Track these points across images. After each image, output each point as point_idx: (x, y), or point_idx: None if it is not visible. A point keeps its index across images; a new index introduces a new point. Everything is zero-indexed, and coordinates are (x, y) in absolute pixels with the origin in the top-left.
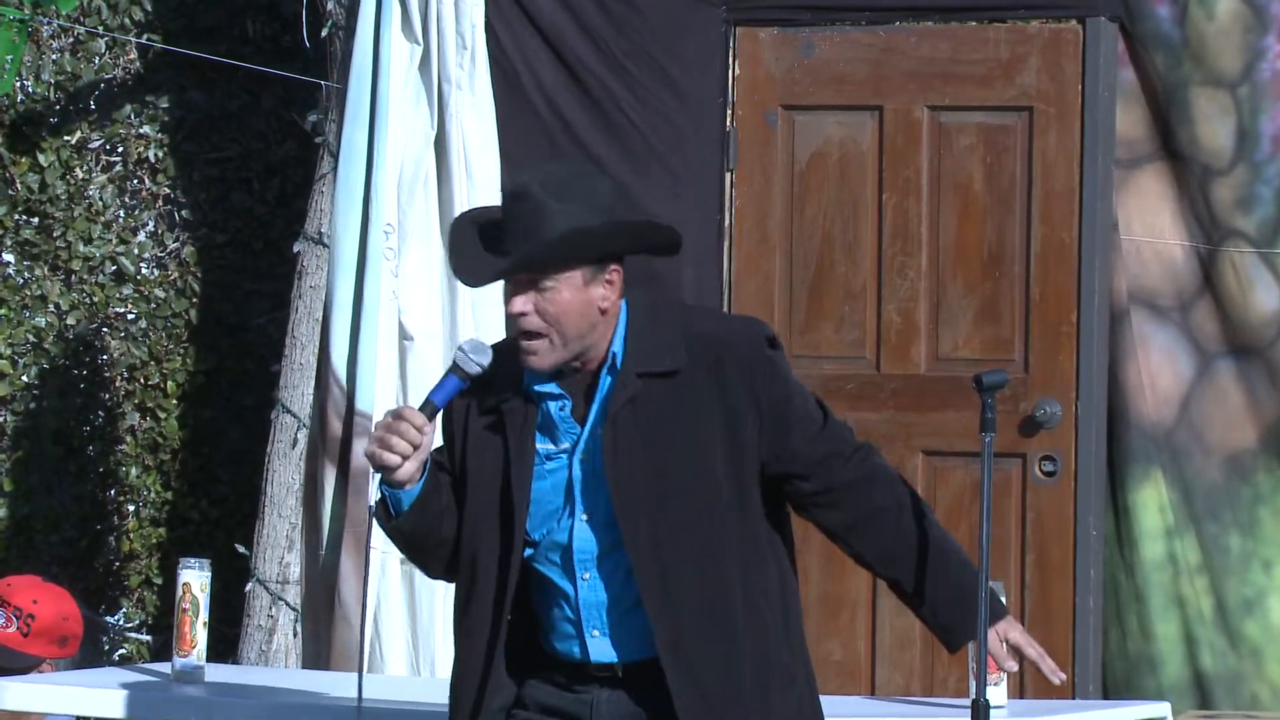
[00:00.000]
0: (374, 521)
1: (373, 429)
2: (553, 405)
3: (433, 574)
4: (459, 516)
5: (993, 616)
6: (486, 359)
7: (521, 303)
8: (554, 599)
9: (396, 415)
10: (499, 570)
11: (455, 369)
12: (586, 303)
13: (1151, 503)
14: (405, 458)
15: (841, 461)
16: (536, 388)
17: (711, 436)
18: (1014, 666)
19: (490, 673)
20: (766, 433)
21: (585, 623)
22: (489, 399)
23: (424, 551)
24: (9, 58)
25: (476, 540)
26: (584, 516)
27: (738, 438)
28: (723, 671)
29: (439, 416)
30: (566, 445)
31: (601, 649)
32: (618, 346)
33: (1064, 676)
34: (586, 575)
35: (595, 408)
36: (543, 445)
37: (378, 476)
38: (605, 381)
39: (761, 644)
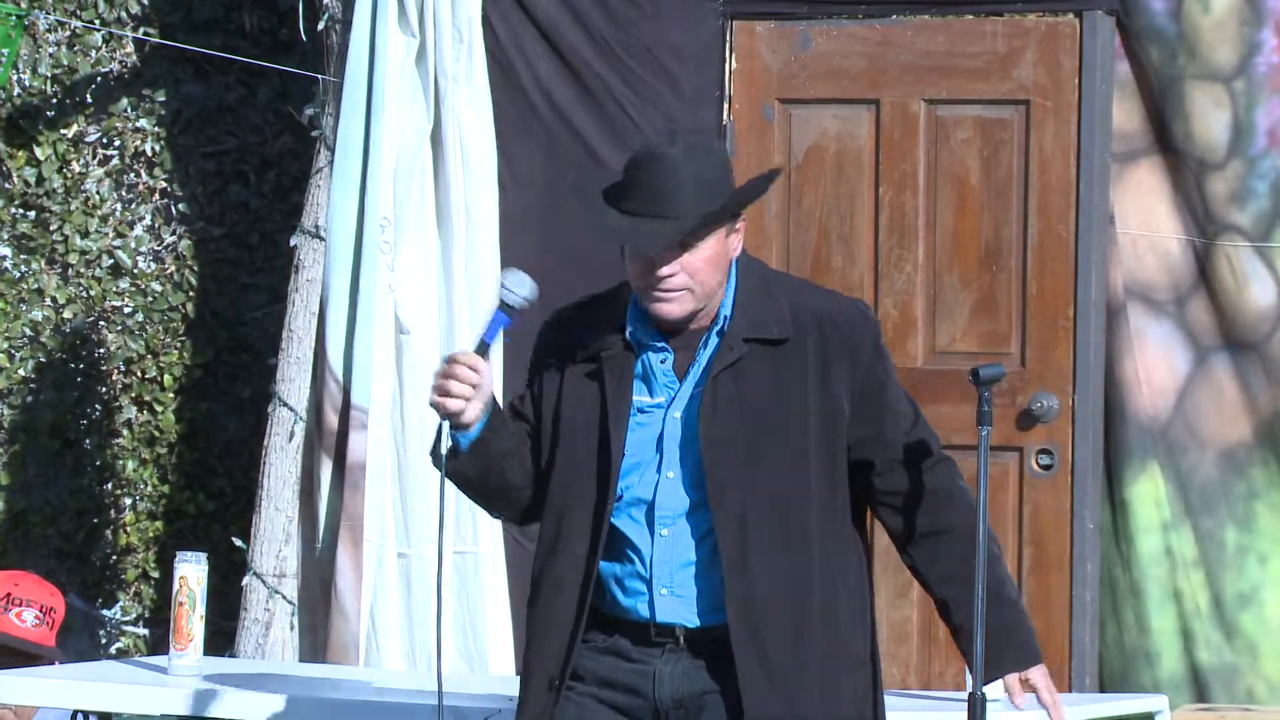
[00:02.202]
0: (444, 466)
1: (432, 378)
2: (654, 356)
3: (499, 515)
4: (542, 463)
5: (1027, 659)
6: (527, 289)
7: (671, 264)
8: (626, 553)
9: (451, 360)
10: (593, 519)
11: (502, 306)
12: (723, 254)
13: (1148, 497)
14: (467, 400)
15: (920, 466)
16: (641, 337)
17: (808, 410)
18: (1020, 705)
19: (579, 624)
20: (858, 413)
21: (656, 580)
22: (586, 346)
23: (485, 494)
24: (4, 51)
25: (567, 488)
26: (670, 474)
27: (833, 414)
28: (791, 646)
29: (528, 365)
30: (662, 399)
31: (669, 608)
32: (727, 309)
33: None
34: (665, 532)
35: (698, 366)
36: (638, 397)
37: (445, 423)
38: (713, 342)
39: (834, 625)
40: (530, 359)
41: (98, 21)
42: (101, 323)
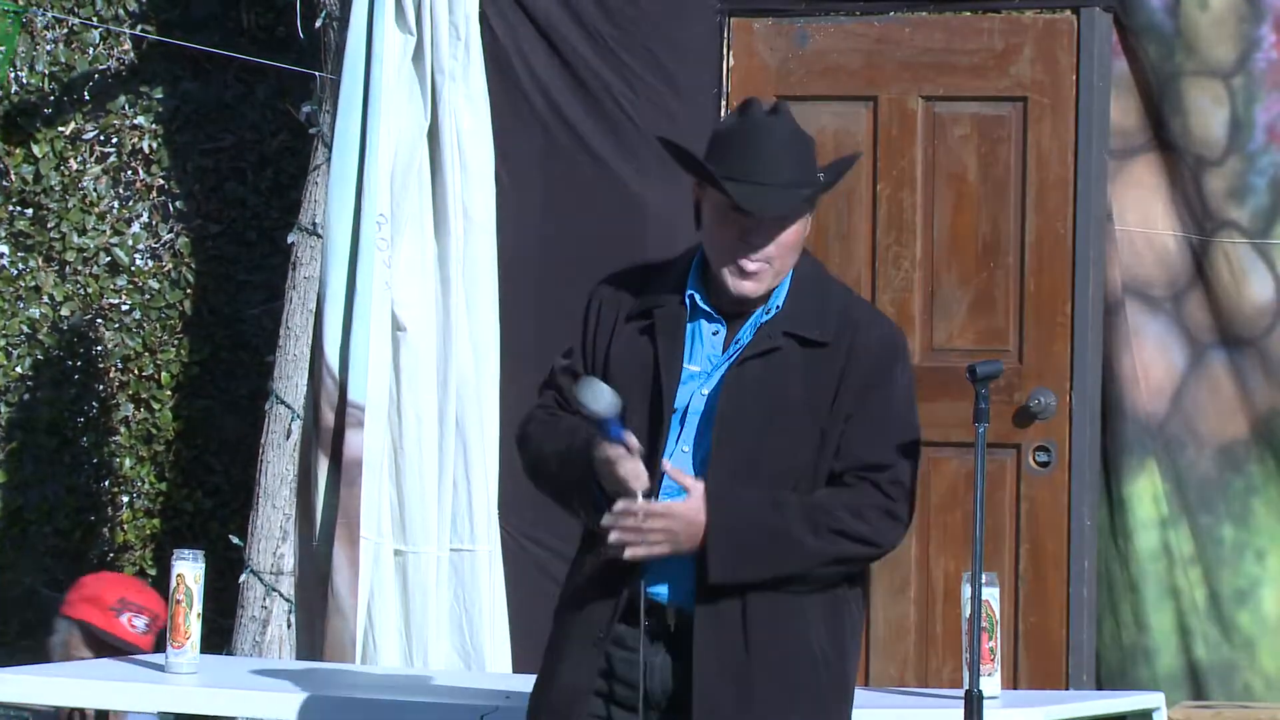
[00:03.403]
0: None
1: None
2: (707, 326)
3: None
4: None
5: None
6: (606, 399)
7: (771, 239)
8: None
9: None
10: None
11: (597, 421)
12: (802, 238)
13: (1145, 493)
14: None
15: (864, 486)
16: (701, 304)
17: (821, 415)
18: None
19: (628, 579)
20: (853, 425)
21: None
22: (641, 301)
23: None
24: (2, 49)
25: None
26: (685, 447)
27: (834, 428)
28: (752, 637)
29: (582, 322)
30: (705, 369)
31: (661, 577)
32: (780, 298)
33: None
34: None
35: (736, 347)
36: (687, 365)
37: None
38: (755, 327)
39: (803, 624)
40: (583, 315)
41: (95, 19)
42: (99, 320)
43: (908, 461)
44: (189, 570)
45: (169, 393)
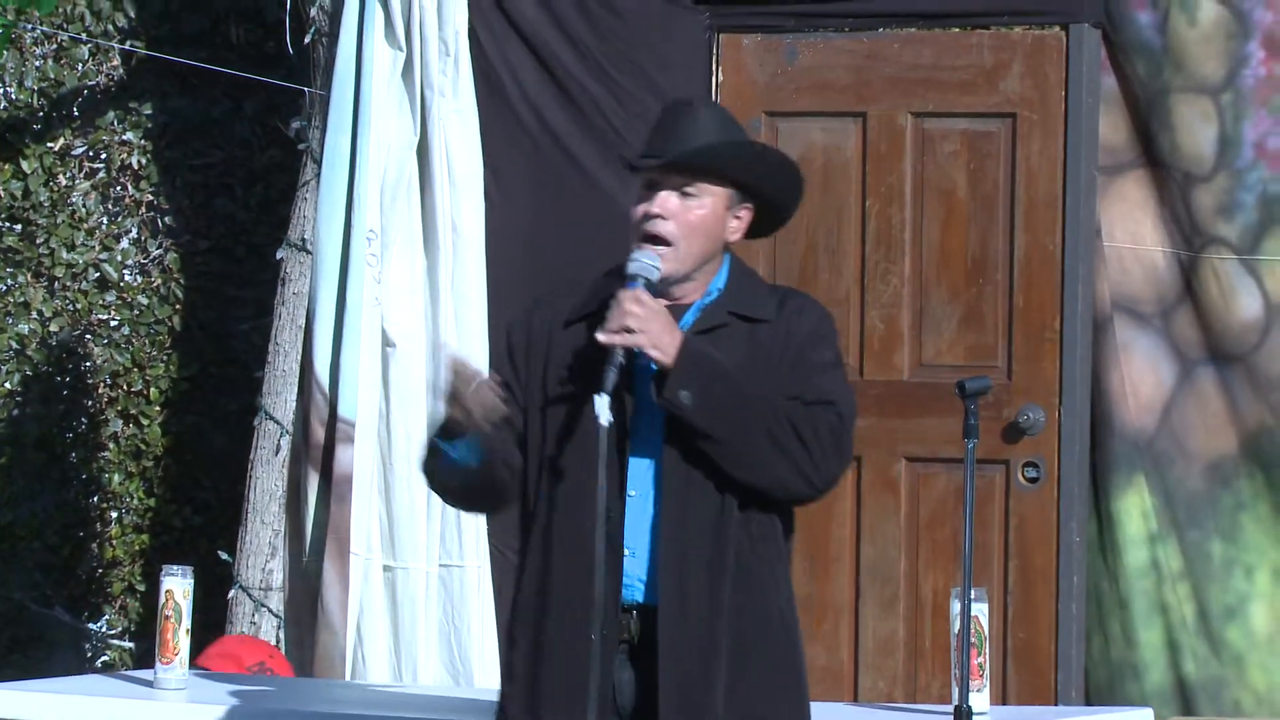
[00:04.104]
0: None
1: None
2: None
3: (493, 513)
4: (533, 427)
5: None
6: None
7: (663, 201)
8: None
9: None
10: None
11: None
12: (716, 223)
13: (1134, 509)
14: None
15: (817, 409)
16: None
17: (768, 374)
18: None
19: (614, 567)
20: (788, 365)
21: (624, 541)
22: (573, 312)
23: (485, 491)
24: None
25: (571, 449)
26: (643, 436)
27: (784, 375)
28: (716, 613)
29: (508, 343)
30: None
31: (632, 572)
32: (720, 283)
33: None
34: (634, 492)
35: (680, 327)
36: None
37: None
38: (699, 310)
39: (769, 589)
40: (507, 337)
41: (85, 34)
42: (88, 336)
43: (849, 414)
44: (178, 586)
45: (158, 408)
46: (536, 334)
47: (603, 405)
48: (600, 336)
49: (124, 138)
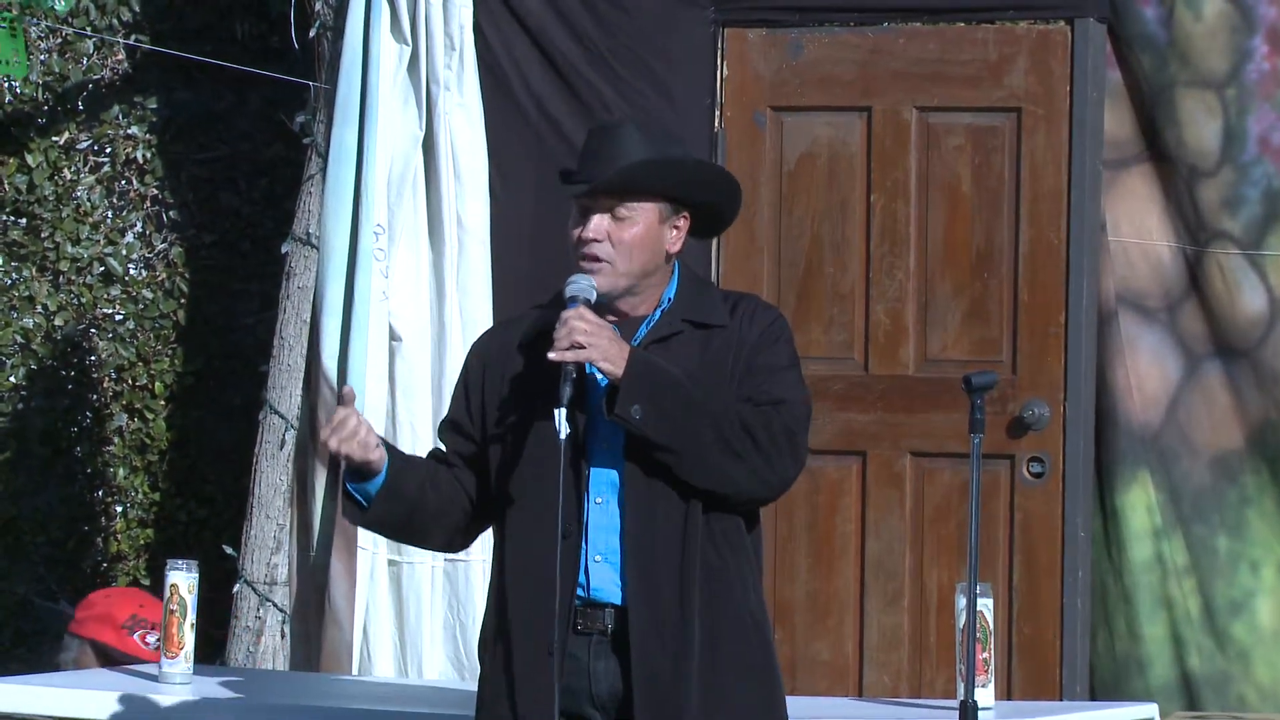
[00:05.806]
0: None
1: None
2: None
3: (434, 547)
4: (497, 451)
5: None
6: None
7: (596, 226)
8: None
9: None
10: (566, 489)
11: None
12: (654, 239)
13: (1139, 504)
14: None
15: (770, 410)
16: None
17: (721, 378)
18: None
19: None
20: (742, 368)
21: (591, 548)
22: (525, 337)
23: (410, 530)
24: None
25: (533, 466)
26: (604, 444)
27: (737, 378)
28: (687, 612)
29: (466, 367)
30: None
31: (601, 577)
32: (670, 294)
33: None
34: (599, 499)
35: (634, 341)
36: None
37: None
38: (652, 320)
39: (738, 591)
40: (464, 369)
41: (89, 29)
42: (93, 330)
43: (804, 415)
44: (183, 580)
45: (163, 402)
46: (494, 358)
47: (561, 418)
48: (551, 355)
49: (129, 132)
